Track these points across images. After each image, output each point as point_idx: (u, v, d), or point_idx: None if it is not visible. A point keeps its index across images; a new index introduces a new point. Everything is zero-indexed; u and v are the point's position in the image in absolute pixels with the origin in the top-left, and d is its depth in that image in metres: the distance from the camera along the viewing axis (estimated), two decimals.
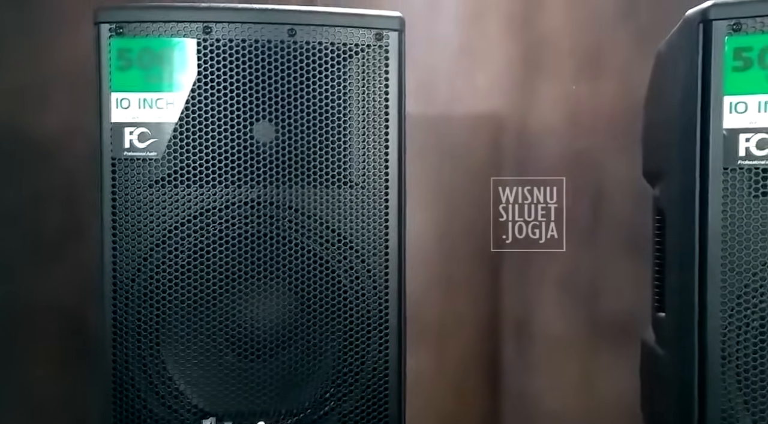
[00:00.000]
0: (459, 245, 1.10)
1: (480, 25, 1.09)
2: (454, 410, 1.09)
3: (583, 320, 1.08)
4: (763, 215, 0.59)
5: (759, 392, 0.60)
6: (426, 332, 1.10)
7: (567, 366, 1.08)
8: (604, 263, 1.07)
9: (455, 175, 1.11)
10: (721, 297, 0.60)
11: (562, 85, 1.08)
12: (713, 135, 0.60)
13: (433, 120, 1.12)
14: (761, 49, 0.58)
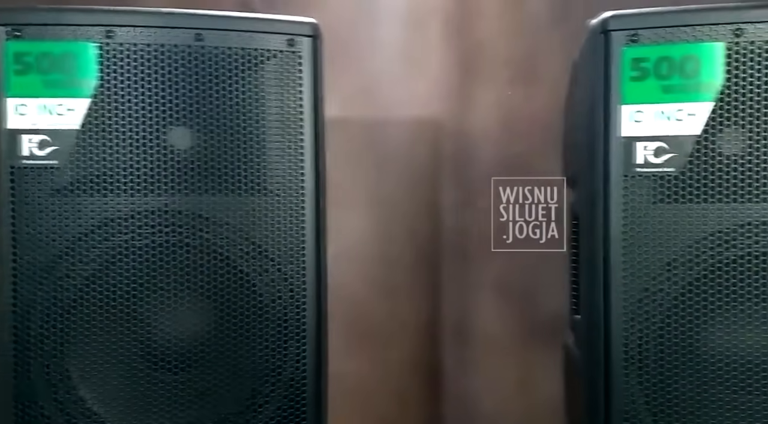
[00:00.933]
0: (399, 251, 1.11)
1: (419, 31, 1.10)
2: (396, 415, 1.10)
3: (520, 322, 1.09)
4: (660, 221, 0.61)
5: (660, 392, 0.62)
6: (367, 338, 1.10)
7: (505, 368, 1.09)
8: (540, 265, 1.08)
9: (395, 180, 1.11)
10: (623, 300, 0.61)
11: (498, 91, 1.09)
12: (613, 143, 0.61)
13: (372, 125, 1.12)
14: (657, 59, 0.60)
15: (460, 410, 1.09)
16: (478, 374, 1.08)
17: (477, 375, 1.08)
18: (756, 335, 0.61)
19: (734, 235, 0.60)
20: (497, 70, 1.09)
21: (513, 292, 1.09)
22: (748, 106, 0.59)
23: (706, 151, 0.60)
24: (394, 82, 1.10)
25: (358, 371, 1.09)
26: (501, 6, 1.08)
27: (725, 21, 0.58)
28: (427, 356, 1.09)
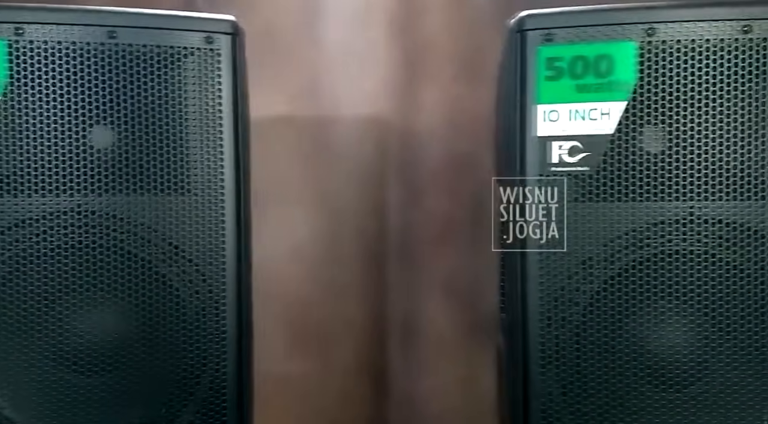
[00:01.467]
0: (346, 250, 1.10)
1: (364, 29, 1.09)
2: (341, 416, 1.09)
3: (467, 321, 1.09)
4: (575, 220, 0.61)
5: (578, 389, 0.62)
6: (313, 338, 1.09)
7: (452, 368, 1.09)
8: (487, 264, 1.09)
9: (342, 179, 1.10)
10: (539, 299, 0.62)
11: (444, 88, 1.09)
12: (529, 142, 0.61)
13: (318, 123, 1.11)
14: (571, 59, 0.60)
15: (406, 410, 1.08)
16: (424, 374, 1.08)
17: (423, 375, 1.08)
18: (671, 332, 0.62)
19: (648, 233, 0.60)
20: (442, 67, 1.09)
21: (460, 291, 1.09)
22: (661, 104, 0.60)
23: (620, 150, 0.61)
24: (340, 80, 1.09)
25: (304, 372, 1.08)
26: (445, 3, 1.08)
27: (637, 21, 0.59)
28: (373, 356, 1.09)
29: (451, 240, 1.10)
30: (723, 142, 0.59)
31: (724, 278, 0.60)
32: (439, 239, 1.10)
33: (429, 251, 1.09)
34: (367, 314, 1.10)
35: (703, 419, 0.61)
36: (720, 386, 0.61)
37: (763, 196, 0.59)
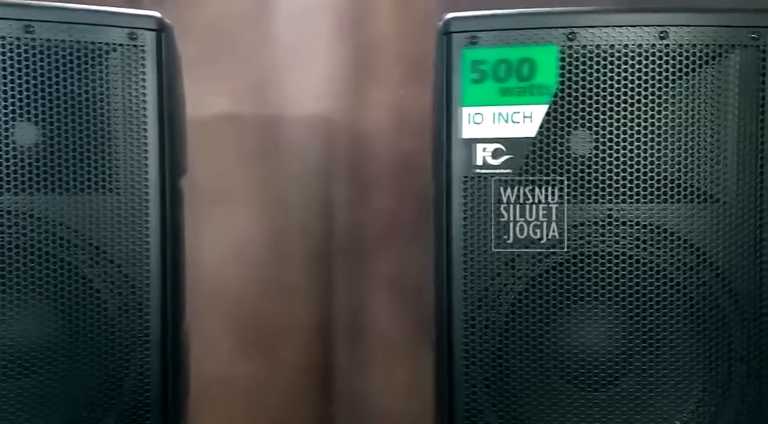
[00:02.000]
0: (292, 249, 1.10)
1: (311, 27, 1.09)
2: (287, 415, 1.09)
3: (413, 319, 1.10)
4: (498, 222, 0.62)
5: (503, 390, 0.63)
6: (259, 339, 1.09)
7: (398, 367, 1.10)
8: (432, 262, 1.09)
9: (288, 178, 1.10)
10: (462, 300, 0.62)
11: (392, 89, 1.09)
12: (455, 144, 0.62)
13: (264, 121, 1.10)
14: (495, 62, 0.61)
15: (353, 409, 1.08)
16: (370, 374, 1.08)
17: (370, 375, 1.08)
18: (592, 332, 0.63)
19: (569, 235, 0.61)
20: (390, 68, 1.09)
21: (405, 290, 1.09)
22: (583, 108, 0.61)
23: (544, 153, 0.61)
24: (286, 78, 1.08)
25: (249, 372, 1.07)
26: (393, 4, 1.08)
27: (558, 25, 0.60)
28: (319, 356, 1.09)
29: (398, 239, 1.10)
30: (641, 146, 0.61)
31: (641, 279, 0.61)
32: (386, 238, 1.10)
33: (375, 250, 1.10)
34: (314, 313, 1.09)
35: (620, 418, 0.62)
36: (638, 385, 0.62)
37: (678, 199, 0.61)
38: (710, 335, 0.61)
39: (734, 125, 0.61)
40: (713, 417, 0.61)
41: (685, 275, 0.61)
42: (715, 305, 0.61)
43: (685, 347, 0.61)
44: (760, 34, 0.60)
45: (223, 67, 1.08)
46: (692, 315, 0.61)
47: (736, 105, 0.61)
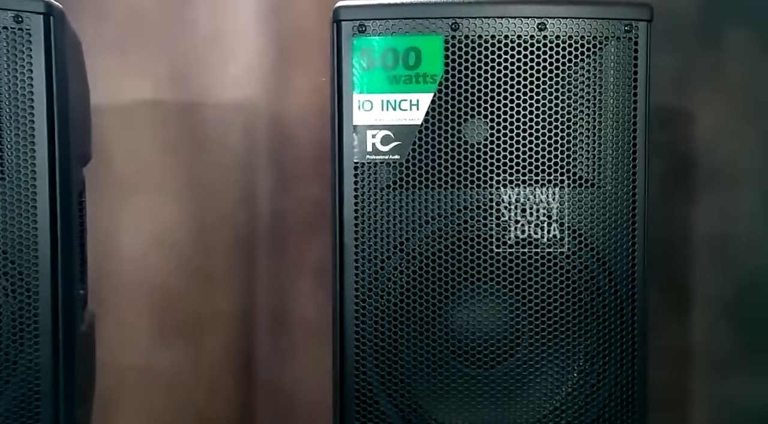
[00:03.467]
0: (214, 237, 1.09)
1: (232, 14, 1.08)
2: (208, 406, 1.09)
3: None
4: (388, 206, 0.63)
5: (394, 370, 0.65)
6: (181, 327, 1.08)
7: (323, 357, 1.10)
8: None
9: (210, 165, 1.09)
10: (354, 283, 0.64)
11: (315, 77, 1.10)
12: (346, 131, 0.63)
13: (186, 108, 1.09)
14: (383, 50, 0.62)
15: (275, 399, 1.09)
16: (294, 363, 1.09)
17: (293, 364, 1.09)
18: (481, 313, 0.65)
19: (452, 219, 0.63)
20: (312, 55, 1.09)
21: (330, 279, 1.10)
22: (467, 97, 0.63)
23: (428, 139, 0.63)
24: (207, 65, 1.07)
25: (171, 362, 1.07)
26: None
27: (442, 15, 0.61)
28: (242, 345, 1.09)
29: (323, 228, 1.10)
30: (523, 133, 0.63)
31: (526, 264, 0.64)
32: (310, 227, 1.10)
33: (300, 239, 1.10)
34: (236, 303, 1.09)
35: (509, 394, 0.65)
36: (525, 363, 0.65)
37: (560, 185, 0.64)
38: (589, 313, 0.64)
39: (611, 114, 0.64)
40: (595, 387, 0.65)
41: (566, 257, 0.64)
42: (593, 285, 0.65)
43: (567, 324, 0.65)
44: (632, 26, 0.63)
45: (144, 54, 1.07)
46: (573, 295, 0.64)
47: (612, 95, 0.64)
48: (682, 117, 1.08)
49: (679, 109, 1.08)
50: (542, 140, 0.63)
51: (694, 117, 1.07)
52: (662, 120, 1.06)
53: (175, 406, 1.07)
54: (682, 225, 1.08)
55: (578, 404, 0.64)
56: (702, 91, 1.05)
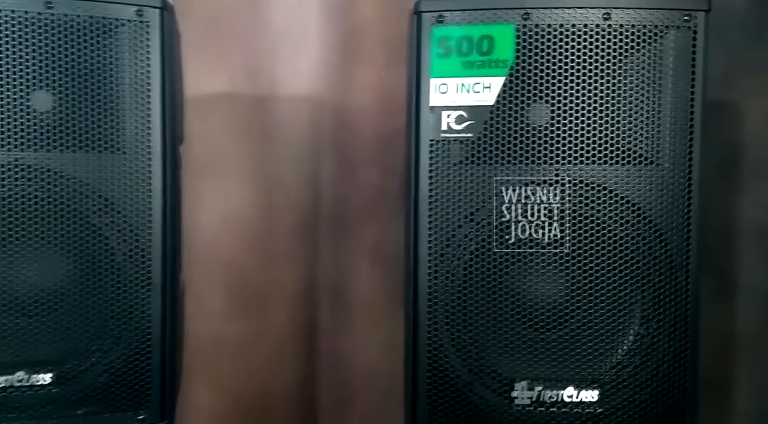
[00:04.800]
0: (280, 219, 1.18)
1: (301, 13, 1.16)
2: (275, 373, 1.17)
3: (392, 285, 1.18)
4: (459, 180, 0.70)
5: (463, 330, 0.71)
6: (248, 302, 1.16)
7: (377, 329, 1.18)
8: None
9: (279, 153, 1.18)
10: (428, 250, 0.70)
11: (375, 71, 1.17)
12: (423, 112, 0.70)
13: (258, 101, 1.18)
14: (459, 38, 0.69)
15: (334, 367, 1.17)
16: (351, 334, 1.17)
17: (351, 336, 1.17)
18: (543, 279, 0.71)
19: (518, 192, 0.70)
20: (374, 51, 1.17)
21: (386, 258, 1.17)
22: (538, 81, 0.69)
23: (499, 119, 0.70)
24: (278, 61, 1.16)
25: (240, 333, 1.15)
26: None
27: (514, 6, 0.68)
28: (304, 318, 1.17)
29: (380, 211, 1.18)
30: (588, 115, 0.69)
31: (586, 232, 0.70)
32: (368, 210, 1.18)
33: (359, 222, 1.18)
34: (300, 279, 1.17)
35: (568, 354, 0.71)
36: (583, 327, 0.70)
37: (620, 162, 0.69)
38: (645, 281, 0.70)
39: (670, 97, 0.69)
40: (650, 348, 0.70)
41: (624, 228, 0.69)
42: (649, 255, 0.70)
43: (624, 291, 0.70)
44: (691, 16, 0.68)
45: (220, 50, 1.16)
46: (630, 264, 0.69)
47: (671, 79, 0.69)
48: (730, 110, 1.12)
49: (728, 102, 1.12)
50: (604, 121, 0.69)
51: (742, 110, 1.11)
52: (710, 113, 1.10)
53: (242, 373, 1.15)
54: (728, 215, 1.12)
55: (634, 363, 0.69)
56: (750, 86, 1.09)
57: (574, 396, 0.69)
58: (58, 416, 0.70)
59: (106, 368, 0.72)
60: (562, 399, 0.69)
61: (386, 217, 1.21)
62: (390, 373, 1.21)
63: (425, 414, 0.71)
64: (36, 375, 0.69)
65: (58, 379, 0.70)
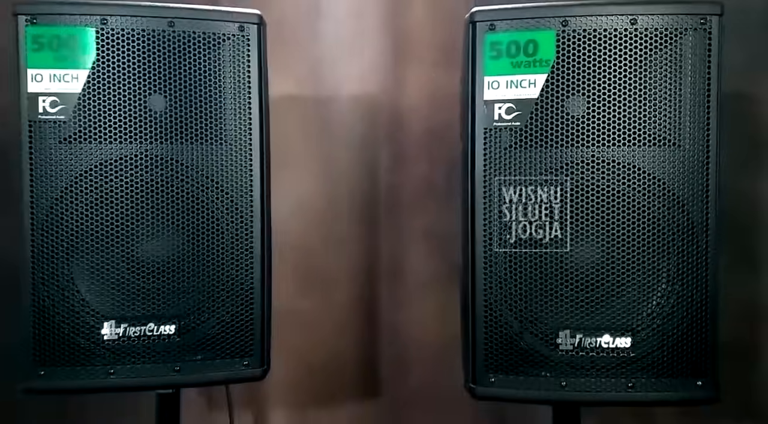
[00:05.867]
0: (342, 207, 1.32)
1: (357, 22, 1.31)
2: (340, 342, 1.31)
3: (442, 264, 1.31)
4: (512, 162, 0.83)
5: (514, 289, 0.84)
6: (315, 280, 1.32)
7: (430, 303, 1.31)
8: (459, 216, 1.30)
9: (340, 147, 1.32)
10: (483, 226, 0.84)
11: (425, 72, 1.31)
12: (478, 104, 0.83)
13: (320, 101, 1.33)
14: (508, 43, 0.82)
15: (393, 337, 1.31)
16: (407, 308, 1.30)
17: (406, 309, 1.31)
18: (582, 245, 0.83)
19: (560, 172, 0.82)
20: (424, 54, 1.30)
21: (437, 240, 1.31)
22: (577, 78, 0.82)
23: (542, 110, 0.82)
24: (338, 65, 1.31)
25: (307, 308, 1.30)
26: (425, 1, 1.29)
27: (554, 15, 0.81)
28: (366, 294, 1.31)
29: (430, 198, 1.32)
30: (619, 104, 0.81)
31: (620, 206, 0.82)
32: (420, 196, 1.32)
33: (412, 207, 1.32)
34: (361, 259, 1.32)
35: (605, 308, 0.83)
36: (617, 288, 0.82)
37: (647, 144, 0.81)
38: (670, 247, 0.81)
39: (689, 90, 0.81)
40: (676, 303, 0.81)
41: (651, 201, 0.81)
42: (673, 224, 0.81)
43: (652, 255, 0.82)
44: (706, 20, 0.80)
45: (286, 58, 1.31)
46: (657, 232, 0.81)
47: (690, 74, 0.81)
48: (754, 103, 1.21)
49: (751, 95, 1.21)
50: (632, 110, 0.81)
51: (762, 101, 1.21)
52: (735, 105, 1.20)
53: (312, 342, 1.30)
54: (752, 197, 1.21)
55: (662, 316, 0.81)
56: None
57: (610, 343, 0.81)
58: (180, 360, 0.86)
59: (218, 322, 0.87)
60: (599, 345, 0.81)
61: (436, 203, 1.34)
62: (441, 342, 1.34)
63: (482, 360, 0.84)
64: (163, 327, 0.85)
65: (180, 330, 0.86)
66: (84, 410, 1.30)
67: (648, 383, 0.81)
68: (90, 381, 0.84)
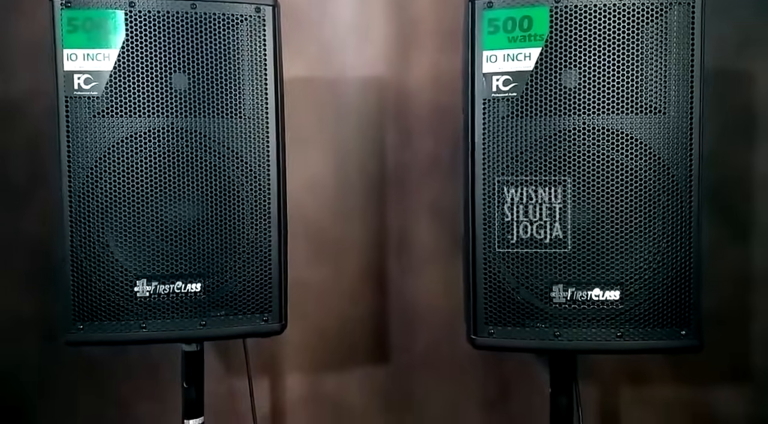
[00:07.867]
0: (352, 182, 1.39)
1: (365, 7, 1.38)
2: (351, 309, 1.39)
3: (448, 235, 1.38)
4: (509, 131, 0.89)
5: (512, 252, 0.91)
6: (326, 252, 1.39)
7: (436, 272, 1.38)
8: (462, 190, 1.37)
9: (349, 126, 1.39)
10: (482, 191, 0.90)
11: (430, 56, 1.38)
12: (477, 77, 0.90)
13: (330, 82, 1.40)
14: (505, 19, 0.88)
15: (401, 304, 1.38)
16: (414, 277, 1.38)
17: (414, 278, 1.38)
18: (575, 207, 0.90)
19: (553, 139, 0.88)
20: (429, 39, 1.37)
21: (442, 213, 1.38)
22: (568, 51, 0.88)
23: (537, 81, 0.89)
24: (347, 48, 1.38)
25: (320, 278, 1.38)
26: None
27: None
28: (375, 264, 1.39)
29: (436, 173, 1.38)
30: (609, 74, 0.87)
31: (610, 170, 0.88)
32: (426, 173, 1.39)
33: (418, 182, 1.38)
34: (370, 232, 1.39)
35: (597, 263, 0.89)
36: (608, 245, 0.89)
37: (635, 111, 0.87)
38: (656, 207, 0.88)
39: (674, 61, 0.87)
40: (662, 260, 0.88)
41: (638, 164, 0.87)
42: (660, 187, 0.88)
43: (639, 216, 0.88)
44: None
45: (298, 41, 1.38)
46: (643, 193, 0.88)
47: (675, 46, 0.87)
48: (743, 77, 1.27)
49: (740, 70, 1.27)
50: (621, 81, 0.87)
51: (754, 77, 1.26)
52: (725, 80, 1.26)
53: (323, 310, 1.38)
54: (743, 167, 1.27)
55: (650, 270, 0.88)
56: (760, 54, 1.24)
57: (600, 296, 0.88)
58: (205, 315, 0.94)
59: (239, 280, 0.95)
60: (590, 298, 0.88)
61: (441, 178, 1.41)
62: (446, 308, 1.42)
63: (482, 314, 0.91)
64: (189, 285, 0.93)
65: (205, 288, 0.94)
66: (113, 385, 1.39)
67: (636, 333, 0.88)
68: (124, 334, 0.92)
